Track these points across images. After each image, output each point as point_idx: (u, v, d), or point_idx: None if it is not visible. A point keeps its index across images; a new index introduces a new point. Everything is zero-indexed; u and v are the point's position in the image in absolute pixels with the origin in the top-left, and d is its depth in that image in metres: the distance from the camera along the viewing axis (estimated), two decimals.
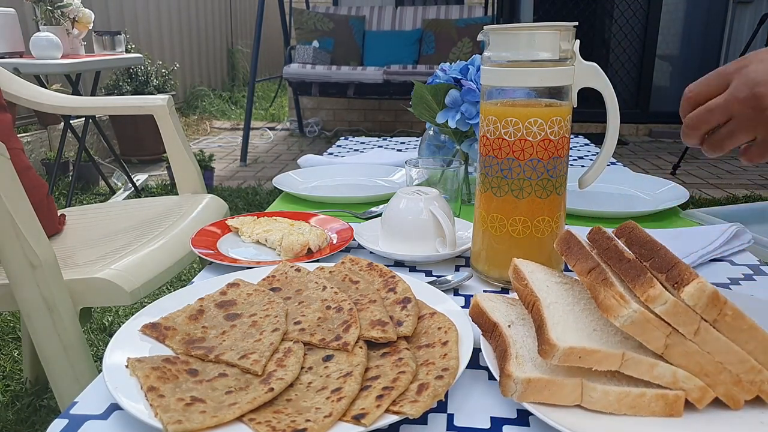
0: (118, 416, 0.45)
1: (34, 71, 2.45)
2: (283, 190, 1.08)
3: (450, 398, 0.47)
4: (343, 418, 0.41)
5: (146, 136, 3.89)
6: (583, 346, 0.42)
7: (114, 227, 1.24)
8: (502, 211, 0.65)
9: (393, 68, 3.99)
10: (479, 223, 0.68)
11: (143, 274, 1.00)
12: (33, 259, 0.89)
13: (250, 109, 4.07)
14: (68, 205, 2.74)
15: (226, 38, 7.02)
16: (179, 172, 1.44)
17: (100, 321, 1.85)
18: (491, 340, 0.50)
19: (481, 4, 4.70)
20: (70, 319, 0.93)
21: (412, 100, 0.98)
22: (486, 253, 0.68)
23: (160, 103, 1.40)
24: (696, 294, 0.41)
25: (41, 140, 3.50)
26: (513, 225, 0.64)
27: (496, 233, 0.66)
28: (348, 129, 5.17)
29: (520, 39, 0.61)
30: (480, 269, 0.69)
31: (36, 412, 1.43)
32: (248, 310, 0.57)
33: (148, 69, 3.87)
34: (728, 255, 0.77)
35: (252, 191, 3.33)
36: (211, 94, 6.13)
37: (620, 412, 0.42)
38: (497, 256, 0.67)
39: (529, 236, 0.64)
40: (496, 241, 0.66)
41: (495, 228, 0.66)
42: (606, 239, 0.51)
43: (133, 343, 0.52)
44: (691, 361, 0.42)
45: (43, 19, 2.60)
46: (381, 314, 0.53)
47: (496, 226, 0.65)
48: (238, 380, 0.46)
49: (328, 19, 4.49)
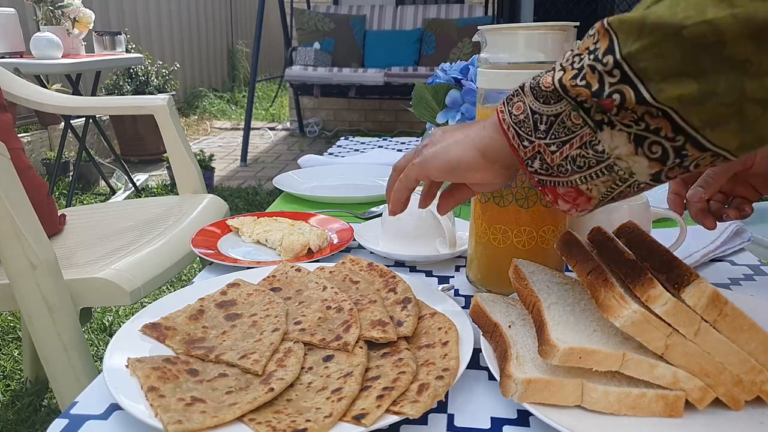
0: (119, 416, 0.45)
1: (34, 71, 2.45)
2: (283, 190, 1.08)
3: (450, 398, 0.47)
4: (343, 419, 0.41)
5: (146, 136, 3.89)
6: (583, 347, 0.42)
7: (114, 227, 1.24)
8: (506, 222, 0.61)
9: (394, 70, 3.99)
10: (479, 236, 0.64)
11: (143, 274, 1.00)
12: (33, 259, 0.89)
13: (251, 109, 4.08)
14: (68, 205, 2.74)
15: (227, 38, 7.02)
16: (179, 172, 1.44)
17: (100, 321, 1.85)
18: (491, 340, 0.50)
19: (482, 4, 4.70)
20: (70, 319, 0.93)
21: (413, 100, 0.98)
22: (489, 267, 0.64)
23: (161, 103, 1.40)
24: (696, 294, 0.41)
25: (41, 140, 3.50)
26: (518, 236, 0.61)
27: (499, 245, 0.62)
28: (348, 129, 5.17)
29: (518, 40, 0.56)
30: (483, 284, 0.66)
31: (36, 412, 1.43)
32: (248, 310, 0.57)
33: (149, 69, 3.87)
34: (728, 254, 0.77)
35: (252, 191, 3.33)
36: (211, 94, 6.13)
37: (620, 412, 0.42)
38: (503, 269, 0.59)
39: (535, 247, 0.61)
40: (500, 253, 0.62)
41: (498, 240, 0.62)
42: (606, 239, 0.51)
43: (134, 343, 0.52)
44: (692, 361, 0.42)
45: (44, 19, 2.60)
46: (381, 314, 0.53)
47: (499, 237, 0.62)
48: (238, 380, 0.46)
49: (328, 18, 4.49)
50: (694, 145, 0.37)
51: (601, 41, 0.38)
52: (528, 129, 0.42)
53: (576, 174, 0.42)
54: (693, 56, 0.34)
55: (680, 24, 0.34)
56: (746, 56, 0.33)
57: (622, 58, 0.36)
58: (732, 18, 0.33)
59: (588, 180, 0.41)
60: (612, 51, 0.37)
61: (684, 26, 0.34)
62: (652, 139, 0.38)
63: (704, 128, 0.36)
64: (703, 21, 0.33)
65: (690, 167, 0.38)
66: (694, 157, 0.37)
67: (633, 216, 0.65)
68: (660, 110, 0.36)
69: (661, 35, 0.35)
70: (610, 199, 0.43)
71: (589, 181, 0.41)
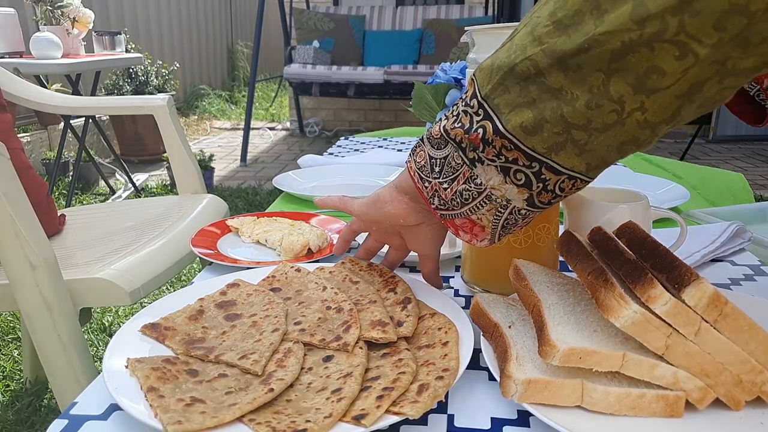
0: (118, 417, 0.45)
1: (34, 71, 2.45)
2: (283, 190, 1.08)
3: (450, 399, 0.47)
4: (343, 419, 0.41)
5: (146, 136, 3.89)
6: (583, 347, 0.42)
7: (114, 227, 1.24)
8: None
9: (393, 68, 3.99)
10: None
11: (143, 274, 1.00)
12: (33, 259, 0.89)
13: (251, 109, 4.07)
14: (68, 205, 2.74)
15: (227, 38, 7.02)
16: (179, 172, 1.44)
17: (100, 321, 1.85)
18: (491, 340, 0.50)
19: (482, 4, 4.70)
20: (70, 319, 0.93)
21: (413, 100, 0.98)
22: (484, 266, 0.65)
23: (160, 103, 1.40)
24: (697, 294, 0.41)
25: (41, 140, 3.50)
26: (514, 235, 0.61)
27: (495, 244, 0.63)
28: (348, 129, 5.17)
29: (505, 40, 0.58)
30: (477, 284, 0.66)
31: (36, 412, 1.43)
32: (248, 311, 0.57)
33: (148, 69, 3.87)
34: (729, 254, 0.77)
35: (252, 191, 3.33)
36: (211, 94, 6.13)
37: (621, 412, 0.42)
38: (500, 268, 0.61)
39: (531, 245, 0.62)
40: (495, 252, 0.62)
41: None
42: (606, 240, 0.51)
43: (133, 344, 0.52)
44: (692, 361, 0.42)
45: (43, 19, 2.60)
46: (381, 315, 0.53)
47: None
48: (238, 381, 0.46)
49: (328, 18, 4.49)
50: (548, 169, 0.42)
51: (469, 89, 0.46)
52: (427, 172, 0.49)
53: (465, 206, 0.48)
54: (525, 88, 0.41)
55: (513, 62, 0.41)
56: (560, 85, 0.39)
57: (482, 98, 0.44)
58: (542, 53, 0.39)
59: (476, 210, 0.47)
60: (476, 95, 0.44)
61: (515, 63, 0.41)
62: (515, 168, 0.43)
63: (549, 153, 0.42)
64: (525, 58, 0.40)
65: (556, 190, 0.44)
66: (553, 180, 0.43)
67: (633, 216, 0.65)
68: (512, 143, 0.42)
69: (503, 74, 0.42)
70: (502, 227, 0.48)
71: (477, 212, 0.47)
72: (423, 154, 0.49)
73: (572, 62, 0.38)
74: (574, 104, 0.39)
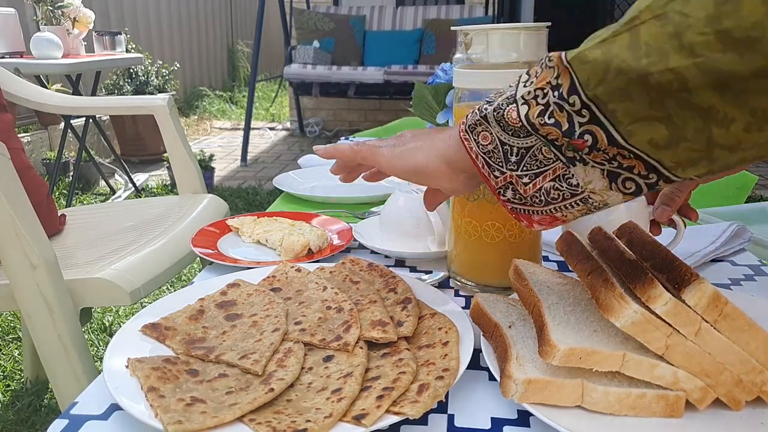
0: (119, 416, 0.45)
1: (34, 71, 2.45)
2: (283, 190, 1.08)
3: (450, 399, 0.47)
4: (343, 419, 0.41)
5: (146, 136, 3.89)
6: (583, 347, 0.42)
7: (114, 227, 1.24)
8: (475, 216, 0.63)
9: (393, 68, 3.99)
10: (454, 227, 0.67)
11: (143, 274, 1.00)
12: (33, 259, 0.89)
13: (251, 109, 4.07)
14: (68, 205, 2.74)
15: (227, 38, 7.02)
16: (179, 172, 1.44)
17: (100, 321, 1.85)
18: (492, 340, 0.50)
19: (482, 4, 4.70)
20: (70, 319, 0.93)
21: (413, 100, 0.98)
22: (461, 256, 0.67)
23: (161, 103, 1.40)
24: (697, 294, 0.41)
25: (41, 140, 3.50)
26: (486, 230, 0.63)
27: (469, 237, 0.65)
28: (348, 129, 5.17)
29: (492, 40, 0.57)
30: (456, 271, 0.69)
31: (36, 412, 1.43)
32: (248, 311, 0.57)
33: (149, 69, 3.87)
34: (729, 254, 0.77)
35: (252, 191, 3.33)
36: (211, 94, 6.13)
37: (621, 412, 0.42)
38: (473, 259, 0.66)
39: (503, 241, 0.63)
40: (471, 244, 0.65)
41: (468, 233, 0.64)
42: (606, 239, 0.51)
43: (134, 344, 0.52)
44: (692, 361, 0.42)
45: (44, 19, 2.60)
46: (381, 314, 0.53)
47: (469, 230, 0.64)
48: (238, 380, 0.46)
49: (328, 18, 4.49)
50: (666, 180, 0.38)
51: (562, 77, 0.38)
52: (498, 159, 0.43)
53: (551, 205, 0.42)
54: (660, 101, 0.34)
55: (645, 70, 0.34)
56: (711, 104, 0.33)
57: (588, 99, 0.36)
58: (695, 68, 0.32)
59: (563, 209, 0.42)
60: (576, 91, 0.37)
61: (650, 73, 0.34)
62: (625, 176, 0.38)
63: (676, 168, 0.37)
64: (667, 69, 0.33)
65: None
66: (662, 186, 0.38)
67: (633, 216, 0.65)
68: (631, 152, 0.37)
69: (626, 80, 0.35)
70: None
71: (563, 210, 0.42)
72: (489, 136, 0.42)
73: (739, 86, 0.32)
74: (728, 126, 0.33)
